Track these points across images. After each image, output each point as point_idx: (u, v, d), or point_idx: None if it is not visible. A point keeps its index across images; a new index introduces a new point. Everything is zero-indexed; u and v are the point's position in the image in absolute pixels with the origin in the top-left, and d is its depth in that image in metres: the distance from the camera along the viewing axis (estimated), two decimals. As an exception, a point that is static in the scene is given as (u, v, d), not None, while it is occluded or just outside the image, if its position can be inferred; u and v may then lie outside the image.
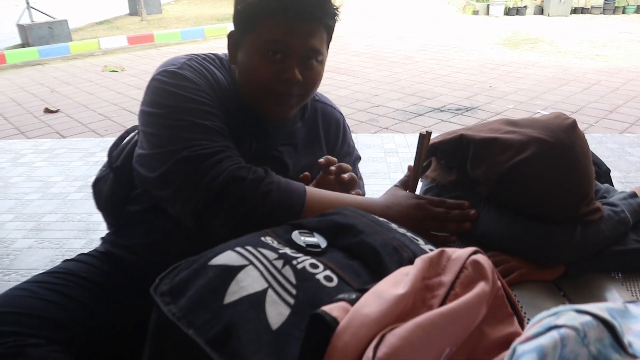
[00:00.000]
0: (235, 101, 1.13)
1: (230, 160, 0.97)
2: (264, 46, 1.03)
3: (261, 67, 1.04)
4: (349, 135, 1.40)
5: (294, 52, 1.03)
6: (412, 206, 1.04)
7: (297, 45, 1.03)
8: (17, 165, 3.94)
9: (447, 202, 1.07)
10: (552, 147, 1.06)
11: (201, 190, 0.95)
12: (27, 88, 6.78)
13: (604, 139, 4.31)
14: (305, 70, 1.06)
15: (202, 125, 0.99)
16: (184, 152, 0.96)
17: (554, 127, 1.09)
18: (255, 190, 0.95)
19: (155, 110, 1.03)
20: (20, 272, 2.48)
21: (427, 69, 7.43)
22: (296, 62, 1.04)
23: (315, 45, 1.05)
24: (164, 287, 0.76)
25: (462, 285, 0.69)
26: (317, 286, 0.73)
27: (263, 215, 0.95)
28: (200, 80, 1.06)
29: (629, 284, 1.11)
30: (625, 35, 10.14)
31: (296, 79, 1.04)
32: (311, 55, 1.06)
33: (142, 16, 12.46)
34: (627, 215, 1.12)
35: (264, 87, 1.05)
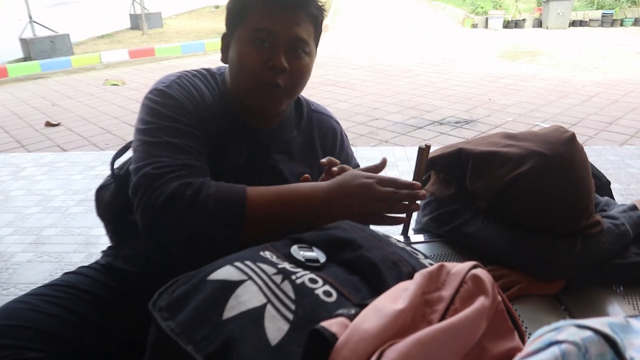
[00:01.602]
0: (226, 113, 1.15)
1: (178, 179, 0.98)
2: (252, 35, 1.06)
3: (249, 56, 1.06)
4: (346, 144, 1.39)
5: (280, 40, 1.06)
6: (357, 186, 0.99)
7: (283, 33, 1.05)
8: (17, 178, 3.95)
9: (397, 181, 1.00)
10: (551, 160, 1.06)
11: (149, 207, 0.98)
12: (29, 101, 6.80)
13: (604, 151, 4.31)
14: (292, 60, 1.08)
15: (170, 143, 1.03)
16: (147, 168, 1.00)
17: (552, 141, 1.09)
18: (192, 205, 0.96)
19: (140, 127, 1.08)
20: (19, 286, 2.47)
21: (426, 82, 7.45)
22: (283, 50, 1.07)
23: (302, 35, 1.08)
24: (163, 302, 0.75)
25: (462, 300, 0.69)
26: (316, 301, 0.72)
27: (207, 226, 0.96)
28: (185, 98, 1.09)
29: (631, 297, 1.11)
30: (624, 48, 10.18)
31: (282, 66, 1.05)
32: (298, 44, 1.08)
33: (143, 30, 12.53)
34: (627, 228, 1.12)
35: (252, 76, 1.07)
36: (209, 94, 1.15)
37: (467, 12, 15.04)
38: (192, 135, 1.06)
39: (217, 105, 1.15)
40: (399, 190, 0.97)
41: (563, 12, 13.16)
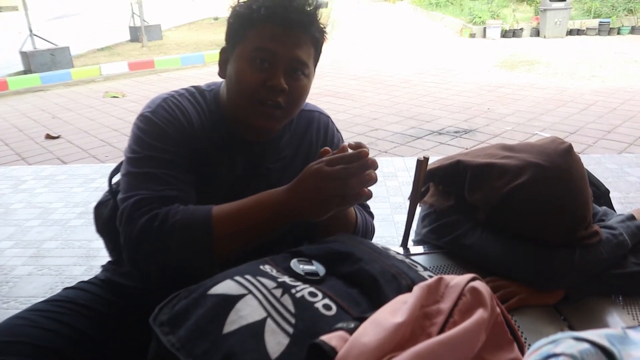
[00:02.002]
0: (218, 128, 1.15)
1: (148, 212, 1.00)
2: (252, 54, 1.05)
3: (248, 75, 1.06)
4: (339, 136, 1.36)
5: (280, 61, 1.05)
6: (309, 175, 0.96)
7: (283, 54, 1.05)
8: (17, 191, 3.96)
9: (345, 156, 0.95)
10: (548, 171, 1.07)
11: (127, 241, 1.01)
12: (29, 114, 6.82)
13: (603, 160, 4.33)
14: (291, 82, 1.07)
15: (150, 175, 1.05)
16: (127, 202, 1.03)
17: (549, 152, 1.10)
18: (160, 235, 0.97)
19: (127, 155, 1.10)
20: (19, 300, 2.47)
21: (425, 92, 7.48)
22: (282, 71, 1.06)
23: (302, 57, 1.07)
24: (163, 316, 0.76)
25: (461, 313, 0.69)
26: (316, 315, 0.73)
27: (178, 252, 0.98)
28: (169, 123, 1.10)
29: (630, 307, 1.11)
30: (621, 56, 10.23)
31: (281, 87, 1.05)
32: (297, 66, 1.08)
33: (142, 42, 12.59)
34: (625, 238, 1.13)
35: (250, 95, 1.07)
36: (196, 113, 1.15)
37: (465, 22, 15.12)
38: (174, 164, 1.07)
39: (207, 123, 1.15)
40: (349, 165, 0.93)
41: (560, 21, 13.23)
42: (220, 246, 0.98)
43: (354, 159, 0.94)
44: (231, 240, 0.99)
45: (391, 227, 3.18)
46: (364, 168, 0.93)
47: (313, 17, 1.09)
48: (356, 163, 0.93)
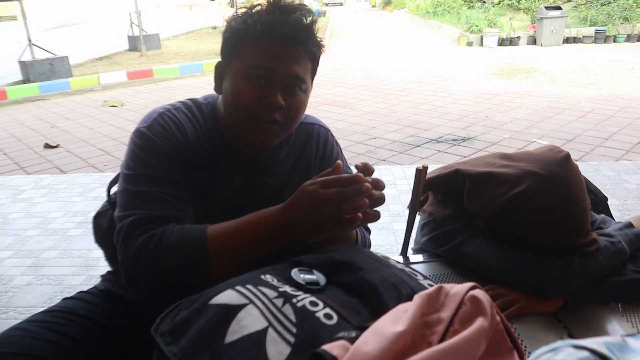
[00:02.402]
0: (216, 143, 1.15)
1: (144, 233, 1.00)
2: (248, 71, 1.04)
3: (245, 91, 1.05)
4: (339, 150, 1.35)
5: (277, 78, 1.05)
6: (304, 195, 0.95)
7: (280, 70, 1.04)
8: (16, 201, 3.95)
9: (341, 179, 0.94)
10: (546, 179, 1.08)
11: (124, 261, 1.01)
12: (28, 123, 6.83)
13: (600, 167, 4.34)
14: (288, 98, 1.07)
15: (146, 194, 1.05)
16: (123, 222, 1.03)
17: (547, 160, 1.11)
18: (157, 257, 0.98)
19: (123, 171, 1.10)
20: (18, 310, 2.47)
21: (423, 100, 7.51)
22: (279, 88, 1.05)
23: (299, 73, 1.07)
24: (165, 326, 0.76)
25: (461, 321, 0.70)
26: (317, 324, 0.73)
27: (175, 273, 0.98)
28: (165, 139, 1.09)
29: (630, 314, 1.11)
30: (617, 64, 10.28)
31: (278, 103, 1.04)
32: (295, 82, 1.07)
33: (141, 52, 12.63)
34: (623, 245, 1.13)
35: (247, 111, 1.06)
36: (192, 128, 1.14)
37: (462, 31, 15.19)
38: (170, 181, 1.07)
39: (204, 137, 1.14)
40: (344, 189, 0.92)
41: (557, 30, 13.30)
42: (217, 265, 0.98)
43: (349, 183, 0.92)
44: (227, 259, 0.99)
45: (390, 236, 3.18)
46: (359, 193, 0.91)
47: (310, 31, 1.07)
48: (350, 188, 0.92)
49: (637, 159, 4.67)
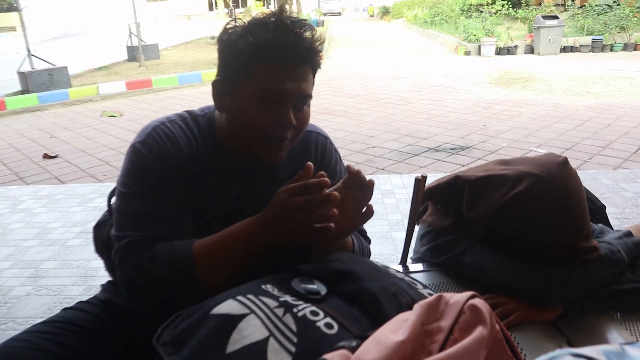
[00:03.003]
0: (214, 155, 1.14)
1: (136, 255, 1.02)
2: (261, 94, 1.03)
3: (259, 114, 1.04)
4: (337, 157, 1.34)
5: (289, 99, 1.05)
6: (276, 203, 0.95)
7: (292, 92, 1.04)
8: (15, 211, 3.95)
9: (307, 185, 0.93)
10: (545, 181, 1.09)
11: (121, 282, 1.05)
12: (27, 134, 6.84)
13: (599, 175, 4.35)
14: (297, 114, 1.07)
15: (140, 213, 1.06)
16: (119, 243, 1.05)
17: (546, 164, 1.12)
18: (148, 278, 1.00)
19: (119, 189, 1.11)
20: (17, 321, 2.46)
21: (421, 109, 7.53)
22: (291, 108, 1.06)
23: (308, 91, 1.08)
24: (166, 337, 0.77)
25: (461, 330, 0.70)
26: (318, 334, 0.74)
27: (167, 292, 1.00)
28: (159, 156, 1.08)
29: (628, 323, 1.12)
30: (614, 72, 10.33)
31: (292, 123, 1.05)
32: (304, 100, 1.08)
33: (140, 62, 12.68)
34: (622, 255, 1.14)
35: (261, 133, 1.05)
36: (187, 140, 1.13)
37: (459, 40, 15.28)
38: (163, 198, 1.07)
39: (200, 150, 1.14)
40: (311, 197, 0.91)
41: (554, 39, 13.38)
42: (205, 278, 0.99)
43: (315, 188, 0.91)
44: (214, 271, 1.00)
45: (389, 245, 3.19)
46: (326, 202, 0.90)
47: (315, 49, 1.07)
48: (317, 196, 0.91)
49: (635, 167, 4.69)
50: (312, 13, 32.81)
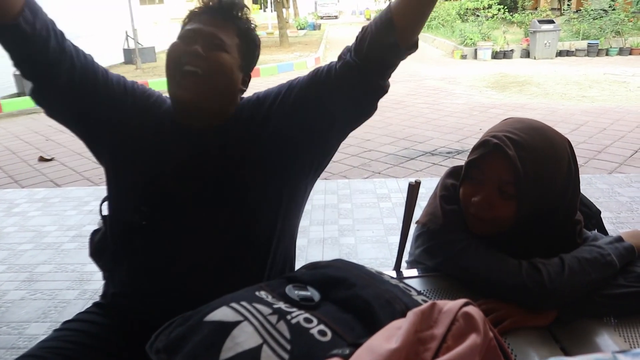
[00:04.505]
0: (167, 122, 1.25)
1: None
2: (181, 34, 1.23)
3: (174, 49, 1.20)
4: (282, 85, 1.30)
5: (198, 36, 1.19)
6: None
7: (200, 31, 1.20)
8: (10, 215, 3.94)
9: None
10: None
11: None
12: (22, 136, 6.83)
13: (594, 180, 4.37)
14: (209, 51, 1.18)
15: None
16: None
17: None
18: None
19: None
20: (11, 325, 2.45)
21: (417, 113, 7.56)
22: (201, 42, 1.18)
23: (219, 35, 1.21)
24: (160, 344, 0.77)
25: (454, 338, 0.70)
26: (312, 341, 0.74)
27: None
28: (143, 89, 1.33)
29: (622, 329, 1.12)
30: (610, 77, 10.39)
31: (197, 51, 1.16)
32: (216, 42, 1.20)
33: (137, 65, 12.67)
34: (613, 259, 1.14)
35: (175, 66, 1.18)
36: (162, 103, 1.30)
37: (456, 44, 15.34)
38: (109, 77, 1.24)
39: (160, 116, 1.26)
40: None
41: (550, 43, 13.45)
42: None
43: None
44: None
45: (385, 249, 3.19)
46: None
47: (234, 9, 1.25)
48: None
49: (630, 171, 4.71)
50: (309, 16, 32.87)
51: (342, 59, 1.19)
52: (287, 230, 1.30)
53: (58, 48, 1.10)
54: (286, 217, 1.28)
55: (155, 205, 1.19)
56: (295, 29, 26.39)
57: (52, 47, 1.08)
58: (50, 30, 1.09)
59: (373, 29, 1.13)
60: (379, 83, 1.18)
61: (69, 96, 1.16)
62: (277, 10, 19.38)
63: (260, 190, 1.22)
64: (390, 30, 1.09)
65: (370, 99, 1.20)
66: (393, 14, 1.08)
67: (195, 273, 1.19)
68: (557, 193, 1.17)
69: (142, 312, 1.21)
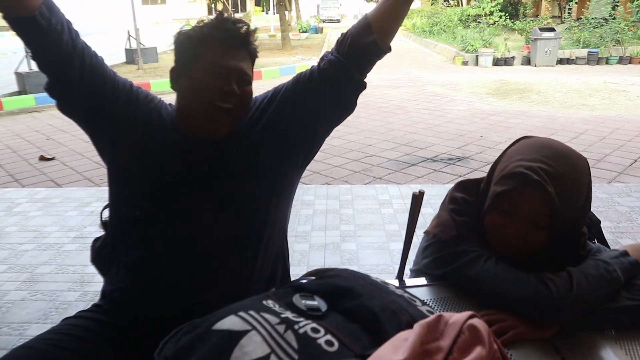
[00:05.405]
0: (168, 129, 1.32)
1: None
2: (211, 69, 1.25)
3: (208, 85, 1.24)
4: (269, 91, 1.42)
5: (232, 73, 1.26)
6: None
7: (234, 68, 1.26)
8: (11, 214, 3.94)
9: None
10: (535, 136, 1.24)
11: None
12: (23, 135, 6.84)
13: (593, 189, 4.36)
14: (240, 87, 1.27)
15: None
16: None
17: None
18: None
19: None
20: (12, 326, 2.45)
21: (419, 118, 7.57)
22: (235, 81, 1.26)
23: (247, 71, 1.29)
24: (168, 351, 0.77)
25: (460, 350, 0.71)
26: (319, 351, 0.74)
27: None
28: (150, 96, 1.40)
29: (623, 342, 1.13)
30: (610, 85, 10.41)
31: (236, 92, 1.25)
32: (244, 77, 1.28)
33: (138, 65, 12.69)
34: (619, 274, 1.15)
35: (209, 101, 1.23)
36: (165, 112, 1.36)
37: (457, 50, 15.37)
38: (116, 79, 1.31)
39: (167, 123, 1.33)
40: None
41: (550, 51, 13.49)
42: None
43: None
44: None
45: (386, 256, 3.20)
46: None
47: (251, 39, 1.31)
48: None
49: (630, 181, 4.72)
50: (311, 20, 32.92)
51: (325, 59, 1.33)
52: (278, 221, 1.40)
53: (71, 44, 1.18)
54: (277, 208, 1.37)
55: (154, 199, 1.25)
56: (298, 32, 26.45)
57: (65, 42, 1.16)
58: (65, 27, 1.17)
59: (353, 32, 1.30)
60: (359, 78, 1.33)
61: (78, 91, 1.22)
62: (279, 13, 19.42)
63: (255, 183, 1.31)
64: (369, 32, 1.26)
65: (352, 93, 1.35)
66: (370, 20, 1.27)
67: (190, 265, 1.25)
68: (577, 212, 1.19)
69: (139, 307, 1.25)
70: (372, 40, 1.26)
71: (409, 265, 1.47)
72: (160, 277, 1.24)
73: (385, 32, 1.27)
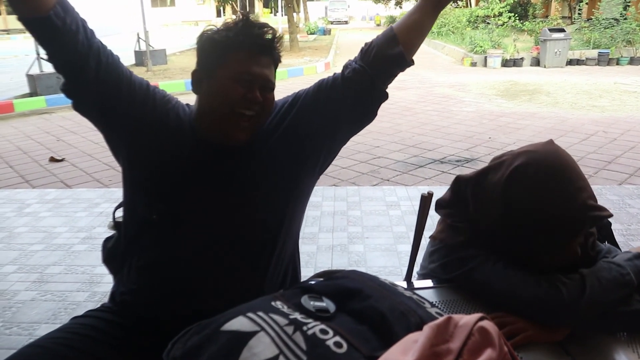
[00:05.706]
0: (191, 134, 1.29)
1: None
2: (236, 75, 1.22)
3: (233, 91, 1.21)
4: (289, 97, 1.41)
5: (256, 80, 1.23)
6: None
7: (258, 75, 1.24)
8: (22, 215, 3.97)
9: None
10: (540, 152, 1.15)
11: None
12: (34, 136, 6.89)
13: (604, 191, 4.35)
14: (263, 93, 1.25)
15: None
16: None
17: (535, 144, 1.20)
18: None
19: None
20: (22, 326, 2.47)
21: (427, 120, 7.55)
22: (259, 88, 1.24)
23: (270, 77, 1.27)
24: (177, 352, 0.78)
25: (470, 352, 0.71)
26: (328, 352, 0.74)
27: None
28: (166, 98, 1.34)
29: (635, 345, 1.12)
30: (620, 86, 10.33)
31: (259, 99, 1.23)
32: (268, 85, 1.26)
33: (147, 67, 12.75)
34: (632, 277, 1.14)
35: (231, 107, 1.21)
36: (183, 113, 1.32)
37: (466, 51, 15.32)
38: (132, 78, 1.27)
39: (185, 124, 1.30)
40: None
41: (560, 51, 13.41)
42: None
43: None
44: None
45: (394, 257, 3.19)
46: None
47: (276, 45, 1.29)
48: None
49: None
50: (319, 21, 32.96)
51: (348, 67, 1.33)
52: (293, 228, 1.38)
53: (86, 43, 1.17)
54: (293, 215, 1.35)
55: (169, 201, 1.24)
56: (306, 34, 26.48)
57: (80, 42, 1.15)
58: (80, 26, 1.16)
59: (378, 43, 1.30)
60: (381, 88, 1.33)
61: (94, 91, 1.20)
62: (287, 14, 19.44)
63: (272, 189, 1.30)
64: (395, 44, 1.27)
65: (374, 103, 1.35)
66: (396, 32, 1.28)
67: (203, 270, 1.24)
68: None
69: (149, 309, 1.25)
70: (399, 52, 1.28)
71: (417, 267, 1.46)
72: (172, 280, 1.24)
73: (410, 45, 1.30)
